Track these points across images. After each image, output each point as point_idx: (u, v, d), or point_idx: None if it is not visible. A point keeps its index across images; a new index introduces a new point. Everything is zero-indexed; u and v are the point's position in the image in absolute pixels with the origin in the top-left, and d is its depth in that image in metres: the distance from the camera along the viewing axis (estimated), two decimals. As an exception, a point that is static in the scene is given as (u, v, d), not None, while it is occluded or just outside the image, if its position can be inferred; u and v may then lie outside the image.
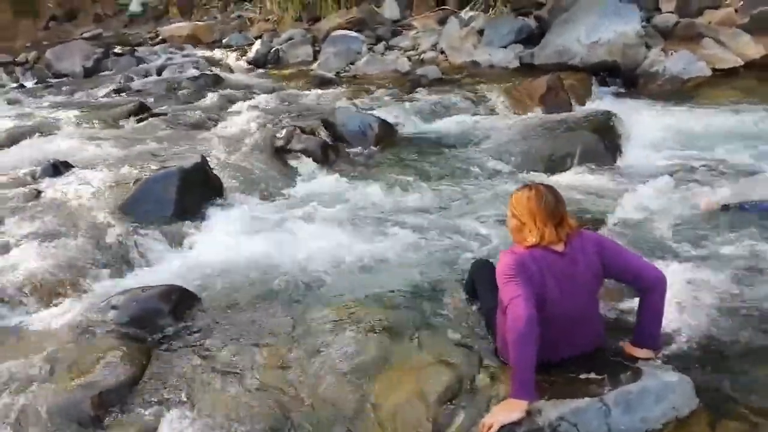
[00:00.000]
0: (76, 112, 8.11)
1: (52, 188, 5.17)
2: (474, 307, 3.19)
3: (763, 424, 2.30)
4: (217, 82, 10.15)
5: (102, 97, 9.61)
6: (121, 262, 4.20)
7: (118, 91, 9.85)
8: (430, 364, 2.78)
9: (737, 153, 5.40)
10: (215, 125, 7.17)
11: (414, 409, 2.51)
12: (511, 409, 2.24)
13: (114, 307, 3.43)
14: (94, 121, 7.69)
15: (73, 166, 5.73)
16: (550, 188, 2.55)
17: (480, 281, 3.10)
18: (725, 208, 4.19)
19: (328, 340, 3.10)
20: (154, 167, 5.37)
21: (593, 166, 5.26)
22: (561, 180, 4.93)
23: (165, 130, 7.07)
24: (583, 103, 7.54)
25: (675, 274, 3.20)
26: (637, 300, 2.65)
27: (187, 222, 4.69)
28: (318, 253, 4.07)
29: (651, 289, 2.49)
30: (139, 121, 7.61)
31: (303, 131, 6.34)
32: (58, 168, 5.61)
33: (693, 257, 3.58)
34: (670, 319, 2.74)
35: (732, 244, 3.70)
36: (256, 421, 2.63)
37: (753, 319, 2.95)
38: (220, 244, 4.35)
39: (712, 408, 2.36)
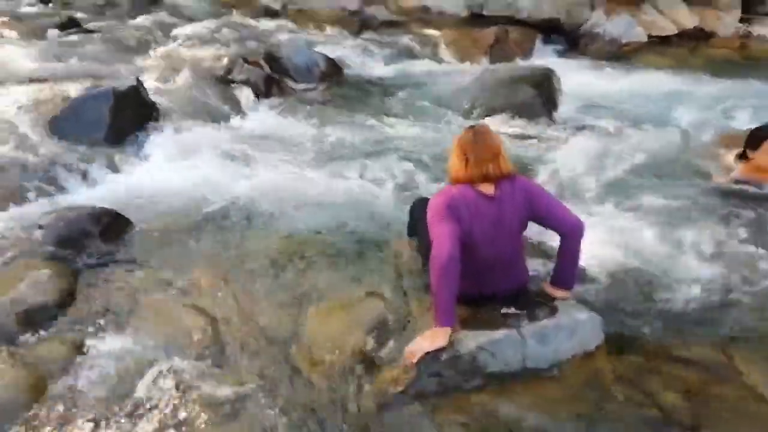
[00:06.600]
0: (-7, 21, 7.47)
1: (-32, 100, 4.82)
2: (414, 244, 3.30)
3: (656, 359, 2.58)
4: (155, 1, 9.55)
5: (24, 6, 8.86)
6: (49, 182, 4.02)
7: (44, 1, 9.11)
8: (365, 297, 2.90)
9: (665, 117, 5.69)
10: (152, 47, 6.83)
11: (346, 337, 2.63)
12: (435, 337, 2.39)
13: (41, 227, 3.32)
14: (14, 32, 7.12)
15: (-8, 78, 5.35)
16: (487, 131, 2.64)
17: (420, 219, 3.20)
18: (738, 183, 3.92)
19: (264, 270, 3.15)
20: (84, 86, 5.08)
21: (529, 119, 5.44)
22: (499, 129, 5.06)
23: (96, 47, 6.67)
24: (526, 58, 7.67)
25: (594, 222, 3.42)
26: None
27: (119, 145, 4.52)
28: (255, 185, 4.05)
29: (570, 235, 2.65)
30: (68, 35, 7.11)
31: (246, 61, 6.14)
32: (-24, 79, 5.23)
33: (613, 209, 3.81)
34: (586, 263, 2.95)
35: (656, 200, 3.92)
36: (187, 344, 2.66)
37: (659, 267, 3.23)
38: (154, 170, 4.24)
39: (615, 344, 2.62)
